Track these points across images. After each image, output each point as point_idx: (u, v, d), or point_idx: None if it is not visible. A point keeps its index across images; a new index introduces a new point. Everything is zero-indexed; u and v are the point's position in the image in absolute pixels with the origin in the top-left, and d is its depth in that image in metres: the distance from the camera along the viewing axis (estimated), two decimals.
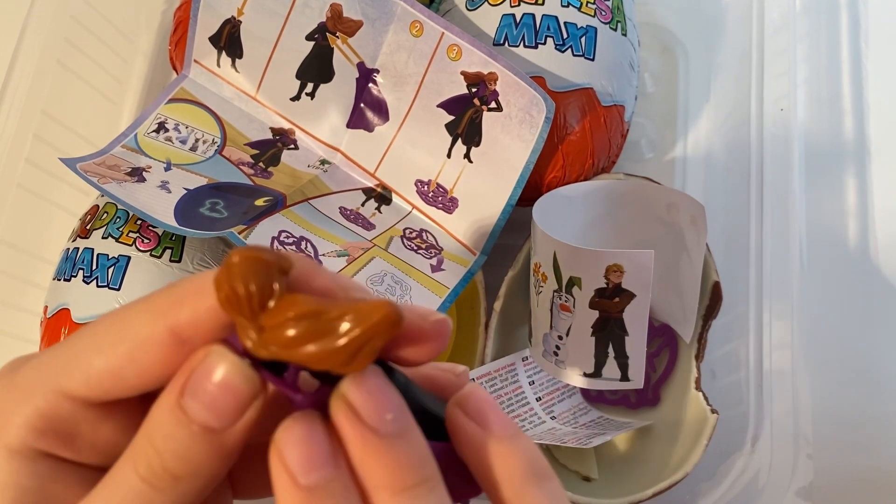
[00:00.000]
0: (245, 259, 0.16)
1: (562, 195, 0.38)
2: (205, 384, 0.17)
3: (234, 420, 0.18)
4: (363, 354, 0.16)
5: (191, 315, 0.18)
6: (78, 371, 0.18)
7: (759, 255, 0.38)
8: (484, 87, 0.37)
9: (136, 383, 0.19)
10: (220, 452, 0.18)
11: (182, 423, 0.17)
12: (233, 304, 0.17)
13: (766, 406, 0.35)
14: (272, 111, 0.41)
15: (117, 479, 0.18)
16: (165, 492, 0.18)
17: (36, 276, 0.43)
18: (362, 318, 0.16)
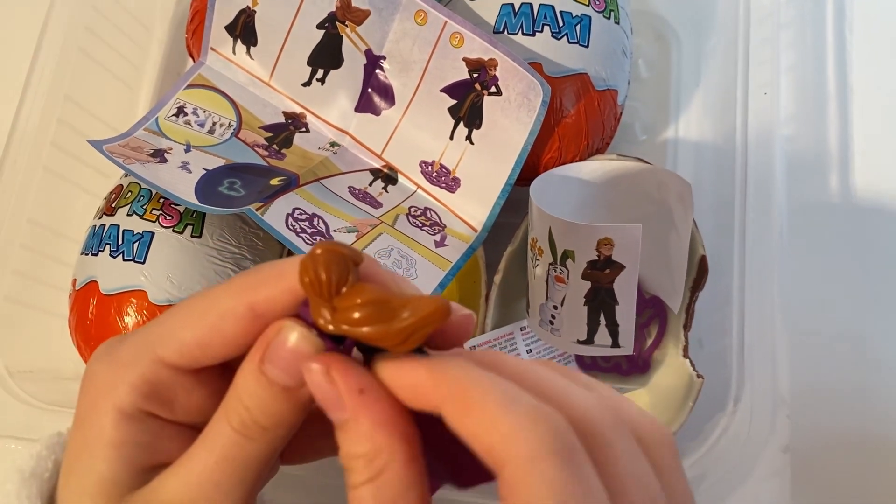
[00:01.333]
0: (327, 251, 0.20)
1: (558, 175, 0.41)
2: (281, 351, 0.21)
3: (304, 381, 0.21)
4: (414, 338, 0.20)
5: (267, 295, 0.22)
6: (172, 342, 0.22)
7: (743, 230, 0.40)
8: (485, 72, 0.40)
9: (219, 352, 0.22)
10: (296, 406, 0.22)
11: (264, 385, 0.21)
12: (314, 287, 0.20)
13: (748, 370, 0.37)
14: (285, 96, 0.44)
15: (214, 431, 0.22)
16: (256, 440, 0.22)
17: (61, 253, 0.46)
18: (419, 309, 0.20)
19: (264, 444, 0.22)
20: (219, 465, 0.22)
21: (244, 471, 0.22)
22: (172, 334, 0.22)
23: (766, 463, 0.35)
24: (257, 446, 0.22)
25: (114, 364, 0.23)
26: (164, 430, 0.23)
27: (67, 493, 0.23)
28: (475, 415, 0.19)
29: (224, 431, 0.22)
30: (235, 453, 0.22)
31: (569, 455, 0.18)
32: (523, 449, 0.18)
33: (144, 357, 0.22)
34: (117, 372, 0.22)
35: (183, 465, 0.22)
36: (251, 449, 0.22)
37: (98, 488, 0.22)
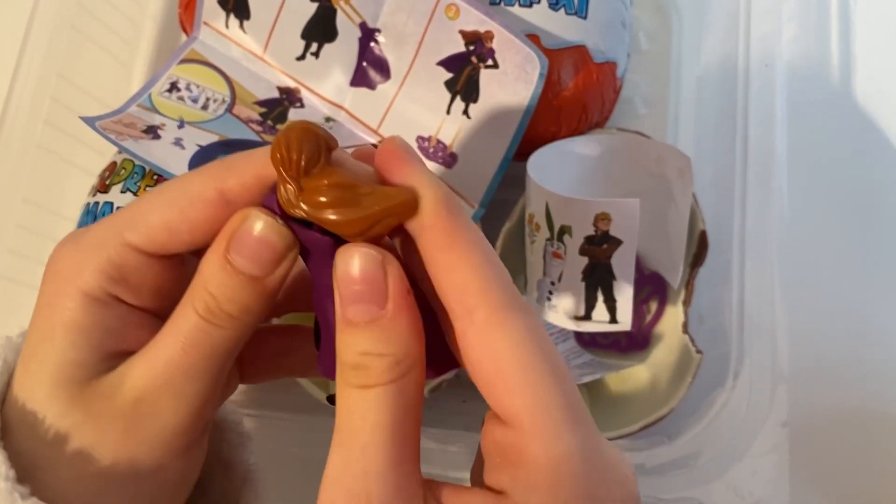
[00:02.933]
0: (301, 129, 0.20)
1: (556, 149, 0.40)
2: (246, 240, 0.21)
3: (272, 269, 0.21)
4: (377, 228, 0.20)
5: (237, 179, 0.22)
6: (140, 225, 0.22)
7: (744, 205, 0.40)
8: (481, 45, 0.39)
9: (186, 238, 0.22)
10: (262, 294, 0.22)
11: (230, 273, 0.21)
12: (284, 163, 0.20)
13: (748, 346, 0.37)
14: (279, 70, 0.43)
15: (180, 317, 0.22)
16: (221, 327, 0.22)
17: (56, 232, 0.45)
18: (386, 199, 0.19)
19: (230, 331, 0.22)
20: (185, 351, 0.22)
21: (209, 358, 0.22)
22: (141, 217, 0.22)
23: (765, 438, 0.35)
24: (223, 333, 0.22)
25: (80, 248, 0.22)
26: (131, 315, 0.23)
27: (27, 379, 0.22)
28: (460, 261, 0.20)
29: (190, 317, 0.22)
30: (201, 339, 0.22)
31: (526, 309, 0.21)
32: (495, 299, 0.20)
33: (111, 240, 0.22)
34: (83, 255, 0.22)
35: (149, 350, 0.22)
36: (217, 335, 0.22)
37: (62, 372, 0.22)
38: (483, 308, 0.20)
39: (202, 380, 0.22)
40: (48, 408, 0.22)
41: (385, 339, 0.20)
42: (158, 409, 0.22)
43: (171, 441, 0.22)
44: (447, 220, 0.20)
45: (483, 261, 0.20)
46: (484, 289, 0.20)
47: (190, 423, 0.23)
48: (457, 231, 0.20)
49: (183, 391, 0.22)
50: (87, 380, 0.22)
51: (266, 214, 0.21)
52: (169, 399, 0.22)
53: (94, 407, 0.22)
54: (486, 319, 0.20)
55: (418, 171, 0.21)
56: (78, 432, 0.22)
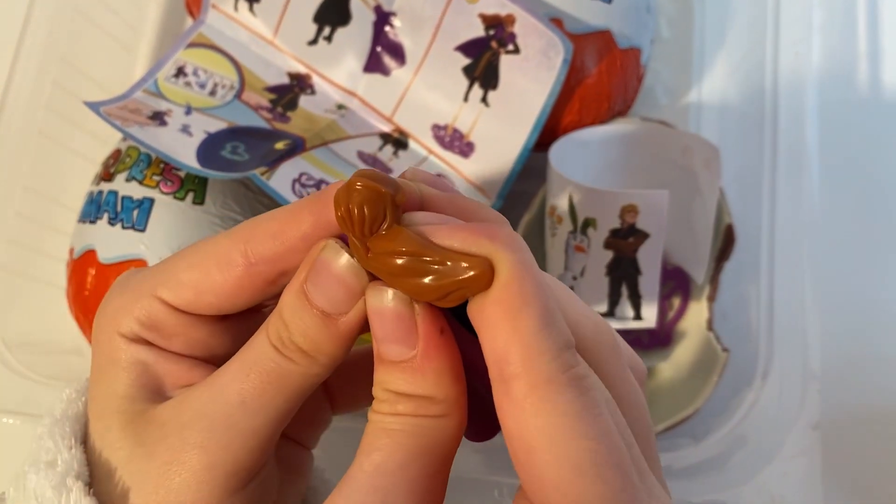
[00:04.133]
0: (365, 186, 0.18)
1: (578, 139, 0.39)
2: (323, 275, 0.20)
3: (346, 308, 0.20)
4: (452, 298, 0.18)
5: (260, 242, 0.21)
6: (171, 282, 0.22)
7: (773, 197, 0.39)
8: (501, 29, 0.37)
9: (213, 301, 0.22)
10: (336, 335, 0.21)
11: (305, 306, 0.20)
12: (347, 224, 0.19)
13: (777, 343, 0.36)
14: (289, 56, 0.41)
15: (252, 345, 0.21)
16: (293, 362, 0.21)
17: (58, 221, 0.44)
18: (458, 271, 0.18)
19: (300, 367, 0.21)
20: (249, 379, 0.21)
21: (274, 391, 0.21)
22: (171, 274, 0.22)
23: (796, 439, 0.34)
24: (291, 368, 0.21)
25: (122, 295, 0.23)
26: (171, 357, 0.23)
27: (92, 416, 0.23)
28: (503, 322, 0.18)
29: (262, 345, 0.21)
30: (269, 368, 0.21)
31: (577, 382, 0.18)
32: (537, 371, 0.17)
33: (147, 292, 0.22)
34: (123, 302, 0.23)
35: (215, 377, 0.21)
36: (286, 369, 0.21)
37: (115, 406, 0.22)
38: (522, 381, 0.17)
39: (262, 415, 0.21)
40: (105, 440, 0.22)
41: (413, 381, 0.19)
42: (205, 440, 0.21)
43: (219, 479, 0.21)
44: (514, 290, 0.18)
45: (537, 324, 0.18)
46: (528, 357, 0.17)
47: (243, 461, 0.21)
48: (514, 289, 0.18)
49: (238, 424, 0.21)
50: (138, 412, 0.22)
51: (344, 251, 0.20)
52: (220, 431, 0.21)
53: (145, 436, 0.21)
54: (525, 395, 0.17)
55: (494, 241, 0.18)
56: (130, 464, 0.21)
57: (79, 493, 0.21)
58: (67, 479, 0.21)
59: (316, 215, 0.20)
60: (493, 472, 0.35)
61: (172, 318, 0.22)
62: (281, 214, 0.21)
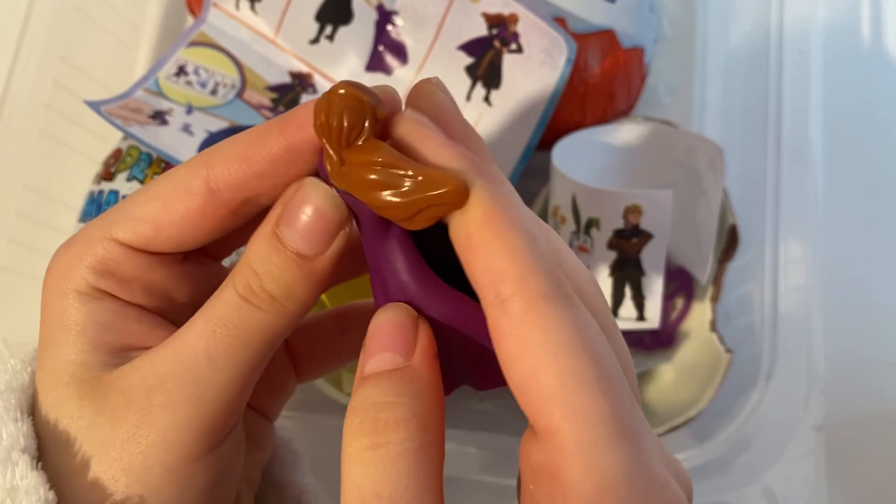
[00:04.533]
0: (347, 94, 0.18)
1: (581, 138, 0.39)
2: (298, 213, 0.19)
3: (323, 247, 0.19)
4: (423, 216, 0.18)
5: (222, 165, 0.20)
6: (126, 220, 0.21)
7: (776, 197, 0.38)
8: (504, 28, 0.37)
9: (174, 233, 0.21)
10: (310, 279, 0.20)
11: (278, 250, 0.19)
12: (325, 131, 0.18)
13: (781, 345, 0.36)
14: (291, 54, 0.41)
15: (216, 299, 0.20)
16: (262, 310, 0.20)
17: (58, 221, 0.44)
18: (431, 185, 0.17)
19: (270, 315, 0.20)
20: (215, 334, 0.20)
21: (243, 344, 0.20)
22: (126, 213, 0.21)
23: (800, 441, 0.33)
24: (261, 317, 0.20)
25: (69, 249, 0.21)
26: (127, 310, 0.21)
27: (42, 387, 0.21)
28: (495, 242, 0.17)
29: (227, 297, 0.20)
30: (236, 320, 0.20)
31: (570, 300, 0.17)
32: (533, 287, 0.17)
33: (99, 238, 0.21)
34: (72, 254, 0.21)
35: (176, 336, 0.20)
36: (254, 319, 0.20)
37: (69, 375, 0.20)
38: (519, 298, 0.17)
39: (231, 370, 0.20)
40: (62, 412, 0.20)
41: (406, 390, 0.18)
42: (173, 401, 0.20)
43: (188, 439, 0.20)
44: (494, 216, 0.17)
45: (525, 243, 0.17)
46: (523, 275, 0.17)
47: (212, 420, 0.20)
48: (500, 214, 0.17)
49: (206, 381, 0.20)
50: (95, 378, 0.20)
51: (324, 184, 0.19)
52: (188, 389, 0.20)
53: (106, 403, 0.20)
54: (523, 312, 0.17)
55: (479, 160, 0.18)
56: (91, 432, 0.20)
57: (25, 466, 0.19)
58: (13, 452, 0.20)
59: (287, 136, 0.20)
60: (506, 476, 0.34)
61: (130, 260, 0.21)
62: (245, 137, 0.20)
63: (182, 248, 0.21)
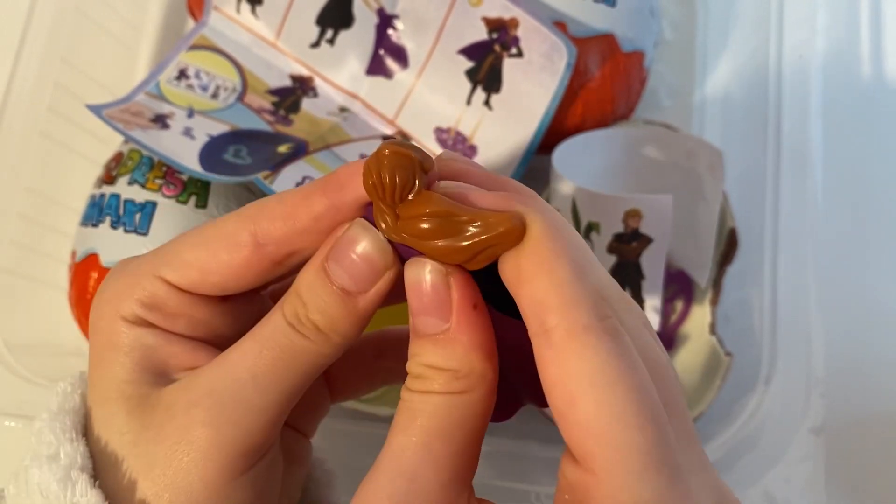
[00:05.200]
0: (394, 153, 0.19)
1: (581, 142, 0.39)
2: (347, 252, 0.20)
3: (367, 286, 0.20)
4: (482, 257, 0.19)
5: (268, 222, 0.21)
6: (175, 262, 0.22)
7: (776, 200, 0.38)
8: (505, 32, 0.37)
9: (218, 280, 0.22)
10: (353, 314, 0.21)
11: (324, 284, 0.20)
12: (377, 190, 0.19)
13: (780, 348, 0.36)
14: (292, 58, 0.41)
15: (268, 320, 0.21)
16: (307, 339, 0.21)
17: (60, 223, 0.44)
18: (489, 227, 0.18)
19: (314, 345, 0.21)
20: (261, 355, 0.21)
21: (287, 368, 0.21)
22: (176, 254, 0.22)
23: (800, 445, 0.33)
24: (307, 345, 0.21)
25: (122, 278, 0.23)
26: (173, 337, 0.23)
27: (94, 405, 0.22)
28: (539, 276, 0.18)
29: (276, 320, 0.21)
30: (283, 344, 0.21)
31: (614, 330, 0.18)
32: (576, 319, 0.18)
33: (147, 274, 0.22)
34: (123, 285, 0.22)
35: (225, 355, 0.21)
36: (300, 347, 0.21)
37: (118, 392, 0.22)
38: (562, 329, 0.18)
39: (273, 392, 0.21)
40: (110, 427, 0.21)
41: (446, 354, 0.19)
42: (214, 418, 0.20)
43: (227, 457, 0.21)
44: (542, 248, 0.18)
45: (571, 275, 0.18)
46: (566, 306, 0.18)
47: (252, 439, 0.21)
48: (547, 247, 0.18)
49: (248, 401, 0.21)
50: (143, 395, 0.21)
51: (372, 228, 0.20)
52: (230, 407, 0.20)
53: (153, 419, 0.21)
54: (564, 342, 0.18)
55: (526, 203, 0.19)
56: (137, 447, 0.21)
57: (84, 484, 0.20)
58: (72, 471, 0.21)
59: (329, 197, 0.21)
60: (530, 482, 0.34)
61: (175, 299, 0.22)
62: (291, 197, 0.21)
63: (225, 292, 0.22)
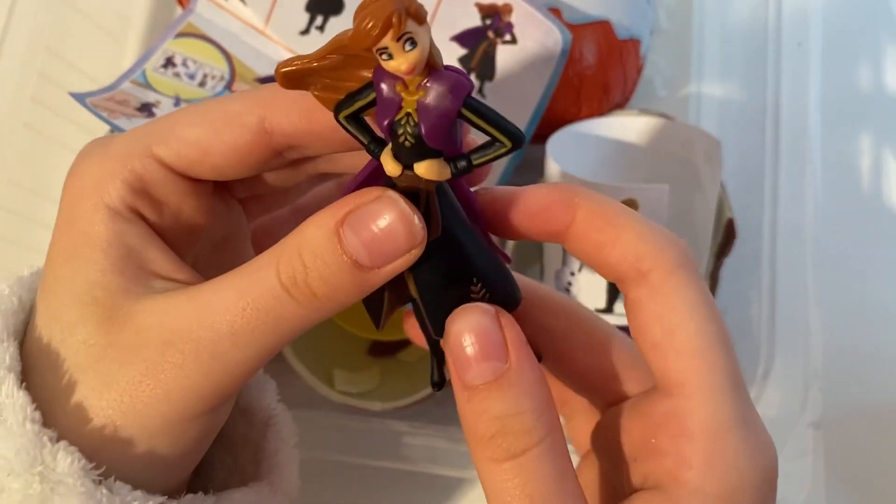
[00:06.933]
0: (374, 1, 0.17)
1: (576, 131, 0.38)
2: (370, 224, 0.18)
3: (383, 264, 0.19)
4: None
5: (283, 112, 0.20)
6: (171, 139, 0.20)
7: (774, 192, 0.38)
8: (499, 18, 0.37)
9: (218, 161, 0.20)
10: (359, 287, 0.19)
11: (335, 251, 0.19)
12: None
13: (778, 341, 0.35)
14: (281, 46, 0.40)
15: (255, 276, 0.19)
16: (300, 304, 0.19)
17: (43, 216, 0.43)
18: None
19: (305, 310, 0.19)
20: (245, 313, 0.19)
21: (269, 331, 0.19)
22: (172, 131, 0.20)
23: (798, 439, 0.33)
24: (296, 309, 0.19)
25: (105, 158, 0.21)
26: (153, 239, 0.21)
27: (55, 303, 0.20)
28: (623, 232, 0.20)
29: (267, 279, 0.19)
30: (270, 307, 0.19)
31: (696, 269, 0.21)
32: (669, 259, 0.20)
33: (138, 151, 0.20)
34: (107, 166, 0.20)
35: (205, 295, 0.20)
36: (289, 310, 0.19)
37: (89, 294, 0.20)
38: (659, 270, 0.20)
39: (251, 350, 0.19)
40: (75, 333, 0.20)
41: (517, 393, 0.18)
42: (187, 364, 0.19)
43: (191, 401, 0.20)
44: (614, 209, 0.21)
45: (649, 226, 0.21)
46: (658, 250, 0.20)
47: (220, 389, 0.20)
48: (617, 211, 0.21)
49: (224, 355, 0.19)
50: (115, 306, 0.20)
51: (404, 203, 0.18)
52: (204, 358, 0.19)
53: (121, 337, 0.20)
54: (662, 281, 0.20)
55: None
56: (99, 363, 0.20)
57: (11, 385, 0.19)
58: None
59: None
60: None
61: (167, 183, 0.21)
62: (303, 97, 0.20)
63: (221, 177, 0.21)
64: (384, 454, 0.40)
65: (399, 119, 0.18)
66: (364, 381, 0.42)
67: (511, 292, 0.21)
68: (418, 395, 0.39)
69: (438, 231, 0.19)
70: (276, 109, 0.20)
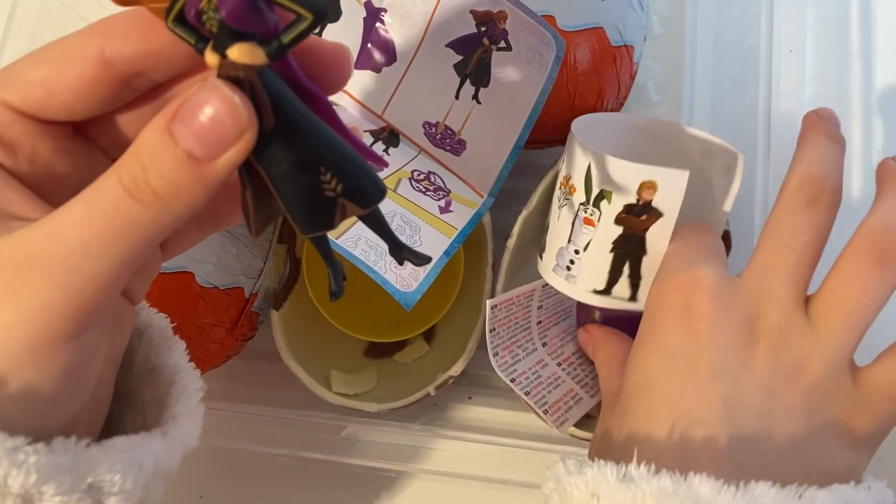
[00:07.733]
0: None
1: (598, 120, 0.38)
2: (197, 112, 0.18)
3: (217, 153, 0.19)
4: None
5: (118, 34, 0.20)
6: (15, 81, 0.21)
7: (766, 199, 0.38)
8: (493, 25, 0.37)
9: (67, 98, 0.21)
10: (199, 182, 0.19)
11: (168, 147, 0.19)
12: None
13: None
14: None
15: (99, 185, 0.19)
16: (144, 206, 0.19)
17: None
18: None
19: (152, 212, 0.19)
20: (92, 221, 0.19)
21: (120, 238, 0.19)
22: (16, 75, 0.21)
23: None
24: (143, 212, 0.19)
25: None
26: (9, 180, 0.21)
27: None
28: None
29: (110, 186, 0.19)
30: (116, 211, 0.19)
31: None
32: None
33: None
34: None
35: (55, 216, 0.20)
36: (136, 213, 0.19)
37: None
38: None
39: (105, 260, 0.19)
40: None
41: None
42: (42, 281, 0.19)
43: (53, 321, 0.19)
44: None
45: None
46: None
47: (81, 306, 0.20)
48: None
49: (78, 267, 0.19)
50: None
51: (226, 87, 0.18)
52: (57, 272, 0.19)
53: None
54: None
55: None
56: None
57: None
58: None
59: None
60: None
61: (17, 126, 0.21)
62: (146, 14, 0.20)
63: (73, 116, 0.21)
64: (380, 455, 0.40)
65: (202, 7, 0.18)
66: (361, 382, 0.43)
67: (367, 183, 0.20)
68: (415, 396, 0.39)
69: (271, 118, 0.19)
70: (113, 37, 0.20)
